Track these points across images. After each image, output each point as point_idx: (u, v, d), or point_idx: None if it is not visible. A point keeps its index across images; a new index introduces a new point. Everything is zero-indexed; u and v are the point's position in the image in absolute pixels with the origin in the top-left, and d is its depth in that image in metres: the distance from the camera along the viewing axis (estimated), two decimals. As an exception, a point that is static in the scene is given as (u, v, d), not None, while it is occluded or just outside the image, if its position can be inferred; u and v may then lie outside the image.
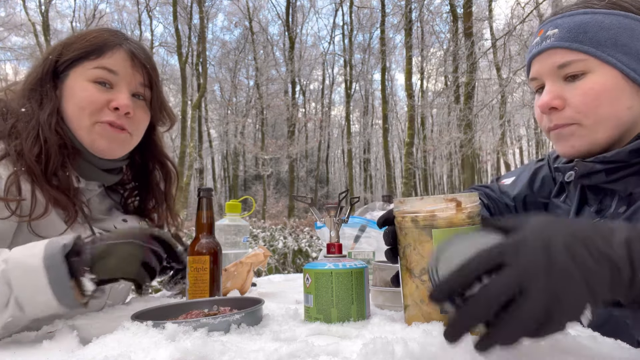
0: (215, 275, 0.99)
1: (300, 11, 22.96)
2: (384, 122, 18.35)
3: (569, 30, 0.82)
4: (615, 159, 0.79)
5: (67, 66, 0.95)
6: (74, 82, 0.95)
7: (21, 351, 0.69)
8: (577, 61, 0.82)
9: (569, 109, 0.84)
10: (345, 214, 0.90)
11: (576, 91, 0.83)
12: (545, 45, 0.85)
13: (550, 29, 0.85)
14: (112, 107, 0.96)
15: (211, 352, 0.58)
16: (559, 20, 0.85)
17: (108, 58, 0.96)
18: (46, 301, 0.69)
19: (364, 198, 23.04)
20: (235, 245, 1.39)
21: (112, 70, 0.95)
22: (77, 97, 0.94)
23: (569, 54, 0.82)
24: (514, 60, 11.53)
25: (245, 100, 23.98)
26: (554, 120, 0.87)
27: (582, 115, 0.83)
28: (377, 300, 0.96)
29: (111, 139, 0.97)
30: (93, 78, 0.95)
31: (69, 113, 0.95)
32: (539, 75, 0.88)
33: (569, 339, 0.60)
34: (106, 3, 22.13)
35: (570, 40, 0.82)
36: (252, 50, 21.54)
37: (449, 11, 14.75)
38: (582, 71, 0.82)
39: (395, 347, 0.55)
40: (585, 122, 0.83)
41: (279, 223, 12.78)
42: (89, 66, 0.95)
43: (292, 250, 7.17)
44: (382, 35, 18.01)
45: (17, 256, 0.69)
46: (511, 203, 1.12)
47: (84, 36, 0.97)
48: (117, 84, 0.96)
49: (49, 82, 0.94)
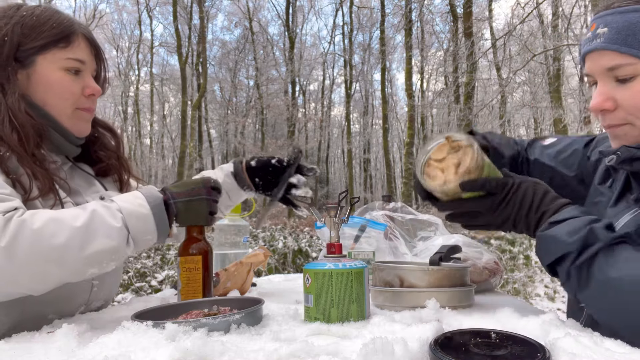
0: (208, 275, 1.01)
1: (300, 11, 22.98)
2: (384, 122, 18.35)
3: (618, 31, 0.80)
4: None
5: (33, 52, 0.98)
6: (47, 71, 0.99)
7: (21, 351, 0.70)
8: (626, 65, 0.80)
9: (621, 110, 0.84)
10: (345, 214, 0.90)
11: (627, 93, 0.82)
12: (595, 44, 0.83)
13: (601, 27, 0.83)
14: (87, 94, 1.05)
15: (211, 352, 0.58)
16: (609, 17, 0.82)
17: (77, 48, 1.02)
18: (151, 239, 0.91)
19: (364, 198, 23.03)
20: (235, 245, 1.39)
21: (82, 61, 1.03)
22: (57, 88, 1.00)
23: (618, 57, 0.81)
24: (514, 60, 11.53)
25: (245, 100, 23.99)
26: (607, 120, 0.87)
27: (634, 117, 0.83)
28: (377, 300, 0.96)
29: (87, 120, 1.08)
30: (65, 67, 1.01)
31: (49, 101, 1.00)
32: (592, 73, 0.87)
33: (569, 339, 0.60)
34: (106, 3, 22.25)
35: (619, 43, 0.80)
36: (252, 50, 21.55)
37: (449, 11, 14.75)
38: (633, 74, 0.81)
39: (395, 347, 0.56)
40: (638, 123, 0.83)
41: (279, 223, 12.78)
42: (60, 55, 1.00)
43: (292, 250, 7.17)
44: (382, 35, 18.01)
45: (128, 206, 0.88)
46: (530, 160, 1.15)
47: (44, 22, 0.99)
48: (83, 71, 1.05)
49: (9, 66, 0.96)
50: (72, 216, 0.83)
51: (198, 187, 0.98)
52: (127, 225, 0.87)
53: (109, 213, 0.86)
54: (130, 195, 0.92)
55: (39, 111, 0.99)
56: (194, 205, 0.97)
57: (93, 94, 1.06)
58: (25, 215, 0.79)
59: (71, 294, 0.99)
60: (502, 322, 0.75)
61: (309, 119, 23.71)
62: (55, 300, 0.94)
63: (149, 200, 0.91)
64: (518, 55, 11.49)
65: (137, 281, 5.74)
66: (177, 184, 1.00)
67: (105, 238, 0.83)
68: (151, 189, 0.95)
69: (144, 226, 0.89)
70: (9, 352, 0.69)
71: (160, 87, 24.72)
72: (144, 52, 23.08)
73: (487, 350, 0.55)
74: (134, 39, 22.62)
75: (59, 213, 0.83)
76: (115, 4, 22.18)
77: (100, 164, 1.16)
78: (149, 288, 5.56)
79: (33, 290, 0.82)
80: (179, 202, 0.95)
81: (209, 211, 0.99)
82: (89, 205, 0.87)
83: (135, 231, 0.88)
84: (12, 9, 1.00)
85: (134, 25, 22.68)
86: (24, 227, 0.77)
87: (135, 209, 0.89)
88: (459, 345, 0.57)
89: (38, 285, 0.81)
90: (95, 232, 0.82)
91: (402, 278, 0.92)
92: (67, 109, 1.02)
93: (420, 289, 0.90)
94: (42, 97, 1.00)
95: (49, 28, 0.99)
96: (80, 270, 0.83)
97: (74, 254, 0.80)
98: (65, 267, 0.81)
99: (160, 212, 0.91)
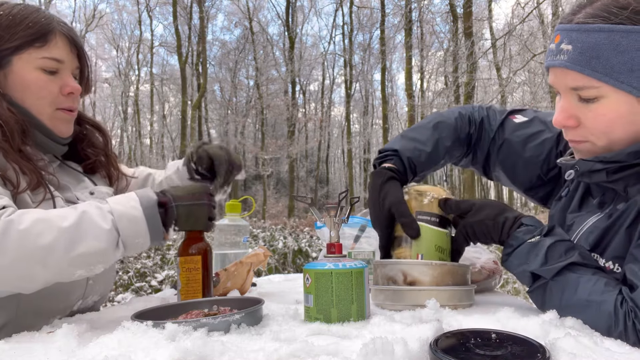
0: (207, 275, 1.01)
1: (300, 11, 22.98)
2: (384, 122, 18.34)
3: (582, 52, 0.78)
4: (615, 160, 0.79)
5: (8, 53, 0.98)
6: (23, 71, 0.98)
7: (21, 351, 0.70)
8: (589, 87, 0.79)
9: (582, 128, 0.83)
10: (345, 214, 0.90)
11: (590, 114, 0.81)
12: (559, 62, 0.81)
13: (565, 42, 0.81)
14: (65, 93, 1.03)
15: (211, 352, 0.58)
16: (574, 34, 0.80)
17: (53, 47, 1.01)
18: (142, 242, 0.88)
19: (364, 198, 23.01)
20: (235, 245, 1.39)
21: (59, 60, 1.02)
22: (34, 87, 0.99)
23: (582, 78, 0.79)
24: (514, 60, 11.52)
25: (245, 100, 23.99)
26: (569, 136, 0.86)
27: (595, 137, 0.82)
28: (378, 299, 0.96)
29: (68, 121, 1.07)
30: (42, 67, 1.00)
31: (27, 101, 0.99)
32: (555, 87, 0.86)
33: (569, 339, 0.60)
34: (106, 3, 22.22)
35: (583, 65, 0.78)
36: (252, 50, 21.54)
37: (449, 11, 14.74)
38: (596, 96, 0.79)
39: (395, 347, 0.56)
40: (599, 143, 0.82)
41: (279, 223, 12.78)
42: (36, 55, 0.99)
43: (292, 250, 7.17)
44: (382, 35, 18.01)
45: (119, 208, 0.86)
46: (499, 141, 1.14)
47: (20, 21, 0.98)
48: (61, 70, 1.03)
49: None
50: (60, 216, 0.82)
51: (199, 192, 0.98)
52: (118, 227, 0.85)
53: (99, 214, 0.84)
54: (124, 197, 0.90)
55: (20, 109, 0.98)
56: (195, 210, 0.96)
57: (72, 93, 1.04)
58: (14, 216, 0.78)
59: (68, 288, 0.98)
60: (502, 322, 0.75)
61: (309, 119, 23.71)
62: (51, 295, 0.94)
63: (142, 202, 0.89)
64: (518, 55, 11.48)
65: (137, 281, 5.74)
66: (177, 188, 0.98)
67: (93, 240, 0.81)
68: (147, 191, 0.93)
69: (135, 229, 0.86)
70: (9, 352, 0.69)
71: (160, 87, 24.72)
72: (144, 52, 23.10)
73: (487, 350, 0.55)
74: (134, 39, 22.64)
75: (48, 213, 0.82)
76: (115, 4, 22.20)
77: (88, 160, 1.16)
78: (149, 288, 5.56)
79: (21, 289, 0.82)
80: (180, 206, 0.94)
81: (208, 217, 0.99)
82: (80, 206, 0.86)
83: (125, 234, 0.85)
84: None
85: (134, 25, 22.70)
86: (10, 227, 0.76)
87: (127, 211, 0.86)
88: (459, 345, 0.57)
89: (25, 284, 0.81)
90: (83, 234, 0.81)
91: (405, 273, 0.92)
92: (46, 108, 1.01)
93: (421, 286, 0.90)
94: (21, 97, 0.99)
95: (24, 28, 0.98)
96: (66, 272, 0.82)
97: (59, 255, 0.79)
98: (50, 268, 0.79)
99: (154, 215, 0.89)
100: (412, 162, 1.09)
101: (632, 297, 0.71)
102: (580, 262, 0.79)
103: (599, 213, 0.87)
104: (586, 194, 0.94)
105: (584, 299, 0.75)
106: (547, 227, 0.86)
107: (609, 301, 0.72)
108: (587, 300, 0.74)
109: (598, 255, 0.83)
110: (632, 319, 0.69)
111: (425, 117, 1.25)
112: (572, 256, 0.79)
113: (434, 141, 1.12)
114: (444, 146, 1.13)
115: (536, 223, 0.87)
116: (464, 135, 1.17)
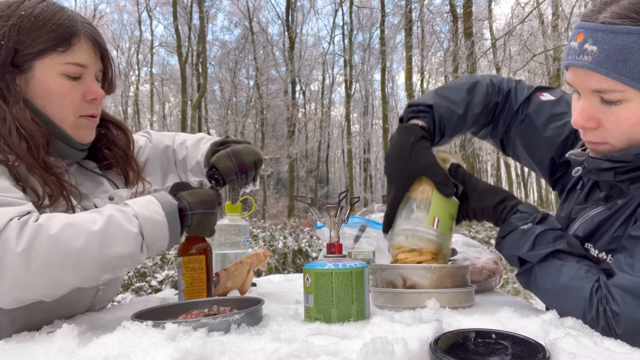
0: (210, 274, 1.02)
1: (300, 11, 22.97)
2: (384, 122, 18.34)
3: (608, 55, 0.75)
4: (623, 159, 0.79)
5: (30, 58, 0.93)
6: (45, 77, 0.94)
7: (21, 351, 0.70)
8: (614, 91, 0.77)
9: (603, 130, 0.82)
10: (345, 214, 0.90)
11: (612, 117, 0.79)
12: (582, 62, 0.78)
13: (589, 42, 0.78)
14: (88, 99, 0.99)
15: (211, 352, 0.58)
16: (600, 34, 0.76)
17: (77, 51, 0.96)
18: (162, 245, 0.90)
19: (364, 198, 23.03)
20: (235, 245, 1.39)
21: (83, 65, 0.97)
22: (56, 95, 0.95)
23: (607, 81, 0.76)
24: (514, 60, 11.53)
25: (245, 100, 23.98)
26: (587, 137, 0.85)
27: (615, 140, 0.81)
28: (378, 301, 0.96)
29: (91, 127, 1.04)
30: (65, 73, 0.95)
31: (48, 109, 0.96)
32: (576, 87, 0.84)
33: (569, 339, 0.60)
34: (106, 3, 22.19)
35: (609, 68, 0.75)
36: (252, 50, 21.53)
37: (449, 11, 14.75)
38: (619, 100, 0.77)
39: (395, 347, 0.56)
40: (618, 146, 0.81)
41: (279, 223, 12.78)
42: (59, 60, 0.94)
43: (292, 250, 7.17)
44: (382, 35, 18.02)
45: (144, 212, 0.87)
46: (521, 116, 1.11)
47: (43, 24, 0.93)
48: (85, 74, 0.99)
49: (7, 73, 0.92)
50: (89, 220, 0.81)
51: (212, 200, 0.99)
52: (143, 231, 0.85)
53: (126, 218, 0.84)
54: (145, 201, 0.91)
55: (43, 117, 0.95)
56: (206, 218, 0.98)
57: (95, 99, 1.01)
58: (41, 220, 0.77)
59: (77, 299, 0.98)
60: (502, 322, 0.75)
61: (309, 119, 23.70)
62: (61, 306, 0.93)
63: (164, 206, 0.90)
64: (518, 55, 11.49)
65: (137, 281, 5.74)
66: (191, 193, 0.97)
67: (122, 244, 0.82)
68: (165, 195, 0.93)
69: (159, 233, 0.88)
70: (9, 352, 0.69)
71: (160, 87, 24.73)
72: (144, 52, 23.09)
73: (487, 350, 0.55)
74: (134, 39, 22.62)
75: (75, 217, 0.81)
76: (115, 4, 22.18)
77: (105, 161, 1.13)
78: (149, 288, 5.56)
79: (46, 296, 0.80)
80: (195, 214, 0.95)
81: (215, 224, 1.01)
82: (104, 209, 0.85)
83: (149, 238, 0.86)
84: (12, 7, 0.93)
85: (134, 26, 22.69)
86: (40, 232, 0.75)
87: (151, 215, 0.87)
88: (459, 345, 0.57)
89: (52, 291, 0.80)
90: (113, 238, 0.81)
91: (405, 277, 0.92)
92: (69, 116, 0.97)
93: (421, 289, 0.90)
94: (42, 103, 0.95)
95: (47, 31, 0.92)
96: (95, 276, 0.82)
97: (90, 258, 0.79)
98: (80, 273, 0.79)
99: (174, 219, 0.90)
100: (443, 123, 1.06)
101: (607, 284, 0.74)
102: (567, 250, 0.83)
103: (602, 206, 0.88)
104: (594, 188, 0.95)
105: (564, 284, 0.80)
106: (541, 215, 0.89)
107: (586, 287, 0.77)
108: (567, 285, 0.79)
109: (591, 245, 0.86)
110: (603, 305, 0.73)
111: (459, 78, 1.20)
112: (559, 244, 0.84)
113: (465, 104, 1.08)
114: (474, 112, 1.09)
115: (532, 210, 0.90)
116: (492, 104, 1.13)
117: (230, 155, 1.12)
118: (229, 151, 1.13)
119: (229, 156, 1.12)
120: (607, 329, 0.71)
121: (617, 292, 0.72)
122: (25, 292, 0.77)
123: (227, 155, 1.12)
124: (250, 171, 1.14)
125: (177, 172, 1.32)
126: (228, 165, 1.11)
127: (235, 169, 1.11)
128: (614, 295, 0.72)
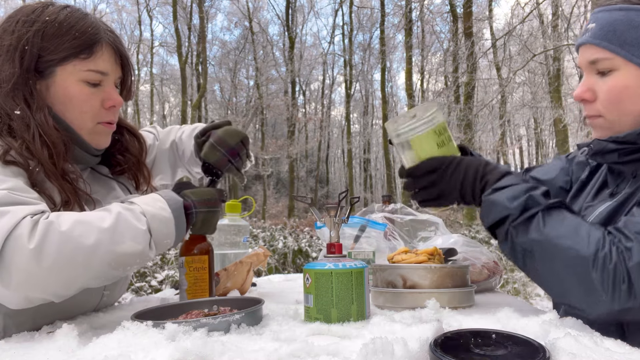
0: (212, 274, 1.02)
1: (300, 11, 22.97)
2: (384, 122, 18.33)
3: (602, 27, 0.85)
4: (627, 140, 0.84)
5: (53, 64, 0.93)
6: (66, 83, 0.94)
7: (21, 351, 0.70)
8: (604, 59, 0.85)
9: (597, 102, 0.89)
10: (345, 214, 0.90)
11: (604, 87, 0.87)
12: (583, 39, 0.89)
13: (591, 23, 0.89)
14: (107, 107, 1.00)
15: (211, 352, 0.58)
16: (599, 14, 0.88)
17: (99, 58, 0.96)
18: (169, 243, 0.90)
19: (364, 198, 23.04)
20: (235, 245, 1.39)
21: (104, 72, 0.97)
22: (76, 101, 0.95)
23: (599, 51, 0.86)
24: (514, 60, 11.52)
25: (245, 100, 23.97)
26: (586, 111, 0.92)
27: (607, 110, 0.88)
28: (378, 301, 0.96)
29: (107, 134, 1.04)
30: (86, 79, 0.95)
31: (67, 115, 0.96)
32: (580, 65, 0.93)
33: (569, 339, 0.60)
34: (106, 3, 22.15)
35: (600, 38, 0.85)
36: (252, 50, 21.53)
37: (449, 11, 14.74)
38: (610, 68, 0.86)
39: (395, 347, 0.56)
40: (609, 117, 0.88)
41: (279, 223, 12.78)
42: (81, 67, 0.94)
43: (292, 250, 7.17)
44: (382, 35, 18.01)
45: (150, 209, 0.87)
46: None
47: (66, 31, 0.93)
48: (105, 82, 0.99)
49: (31, 78, 0.92)
50: (98, 218, 0.81)
51: (215, 199, 0.99)
52: (151, 228, 0.86)
53: (133, 216, 0.85)
54: (151, 198, 0.91)
55: (62, 124, 0.95)
56: (210, 217, 0.98)
57: (114, 106, 1.01)
58: (52, 217, 0.78)
59: (82, 303, 0.98)
60: (502, 322, 0.75)
61: (309, 119, 23.71)
62: (66, 309, 0.93)
63: (170, 203, 0.90)
64: (518, 55, 11.48)
65: (137, 281, 5.73)
66: (194, 192, 0.97)
67: (132, 241, 0.82)
68: (170, 193, 0.94)
69: (166, 230, 0.88)
70: (9, 352, 0.69)
71: (160, 87, 24.73)
72: (144, 52, 23.09)
73: (487, 350, 0.55)
74: (134, 39, 22.60)
75: (84, 215, 0.82)
76: (115, 4, 22.17)
77: (118, 167, 1.13)
78: (149, 288, 5.55)
79: (56, 296, 0.80)
80: (199, 212, 0.95)
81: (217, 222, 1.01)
82: (112, 207, 0.85)
83: (157, 235, 0.87)
84: (36, 11, 0.93)
85: (134, 25, 22.70)
86: (51, 229, 0.75)
87: (158, 212, 0.88)
88: (459, 345, 0.57)
89: (62, 290, 0.80)
90: (122, 235, 0.81)
91: (405, 277, 0.92)
92: (87, 123, 0.98)
93: (421, 289, 0.91)
94: (62, 109, 0.95)
95: (71, 38, 0.93)
96: (105, 273, 0.82)
97: (101, 255, 0.79)
98: (91, 270, 0.79)
99: (180, 216, 0.91)
100: None
101: (619, 227, 0.76)
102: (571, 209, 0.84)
103: (610, 202, 0.90)
104: (602, 187, 0.98)
105: (573, 226, 0.77)
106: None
107: (598, 231, 0.77)
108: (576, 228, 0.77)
109: None
110: (616, 244, 0.74)
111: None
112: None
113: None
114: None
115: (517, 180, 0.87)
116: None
117: (216, 146, 1.09)
118: (213, 142, 1.09)
119: (215, 147, 1.09)
120: (619, 266, 0.72)
121: (630, 232, 0.74)
122: (35, 290, 0.77)
123: (213, 147, 1.09)
124: (241, 152, 1.12)
125: (184, 165, 1.33)
126: (218, 156, 1.08)
127: (227, 157, 1.09)
128: (627, 234, 0.74)
